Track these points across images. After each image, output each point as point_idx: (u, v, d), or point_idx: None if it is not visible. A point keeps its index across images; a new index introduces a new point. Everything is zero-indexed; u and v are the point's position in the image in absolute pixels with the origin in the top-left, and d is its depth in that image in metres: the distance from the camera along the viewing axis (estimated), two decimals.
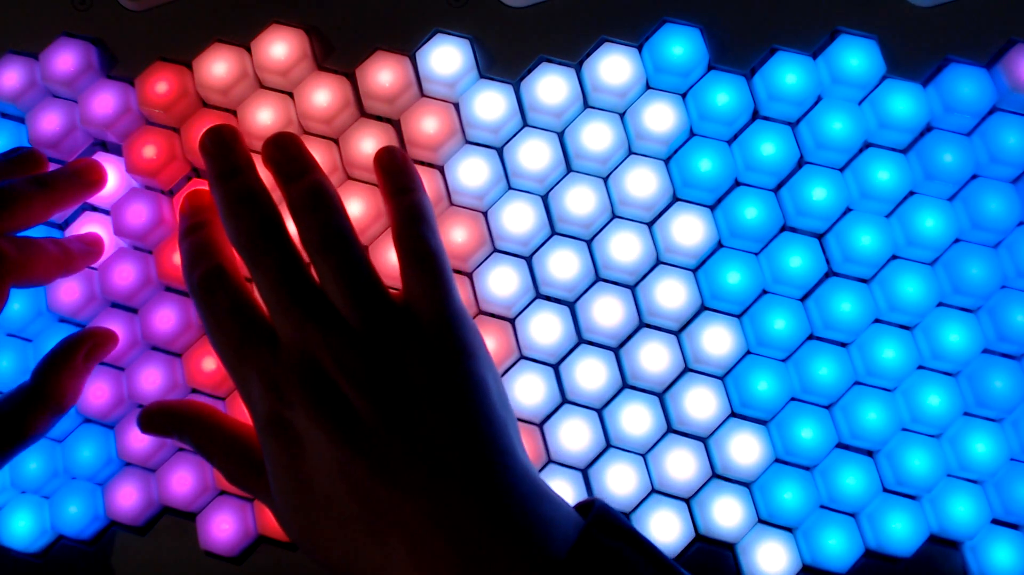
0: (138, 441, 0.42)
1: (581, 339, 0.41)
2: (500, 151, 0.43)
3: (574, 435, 0.40)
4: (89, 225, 0.44)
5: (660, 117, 0.42)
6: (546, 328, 0.41)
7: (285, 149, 0.38)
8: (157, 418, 0.38)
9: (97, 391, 0.43)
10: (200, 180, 0.43)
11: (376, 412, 0.32)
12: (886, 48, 0.42)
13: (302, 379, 0.33)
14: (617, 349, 0.41)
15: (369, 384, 0.32)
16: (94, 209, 0.44)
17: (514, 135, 0.42)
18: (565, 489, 0.40)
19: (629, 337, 0.41)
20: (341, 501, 0.32)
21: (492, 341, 0.41)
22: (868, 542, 0.39)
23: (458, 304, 0.35)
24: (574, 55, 0.43)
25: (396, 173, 0.38)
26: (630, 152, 0.42)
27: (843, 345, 0.40)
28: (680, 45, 0.42)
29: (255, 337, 0.34)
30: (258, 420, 0.34)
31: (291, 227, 0.37)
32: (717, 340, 0.40)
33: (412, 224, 0.36)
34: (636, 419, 0.40)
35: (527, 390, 0.41)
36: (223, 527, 0.41)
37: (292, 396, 0.33)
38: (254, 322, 0.35)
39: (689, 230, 0.41)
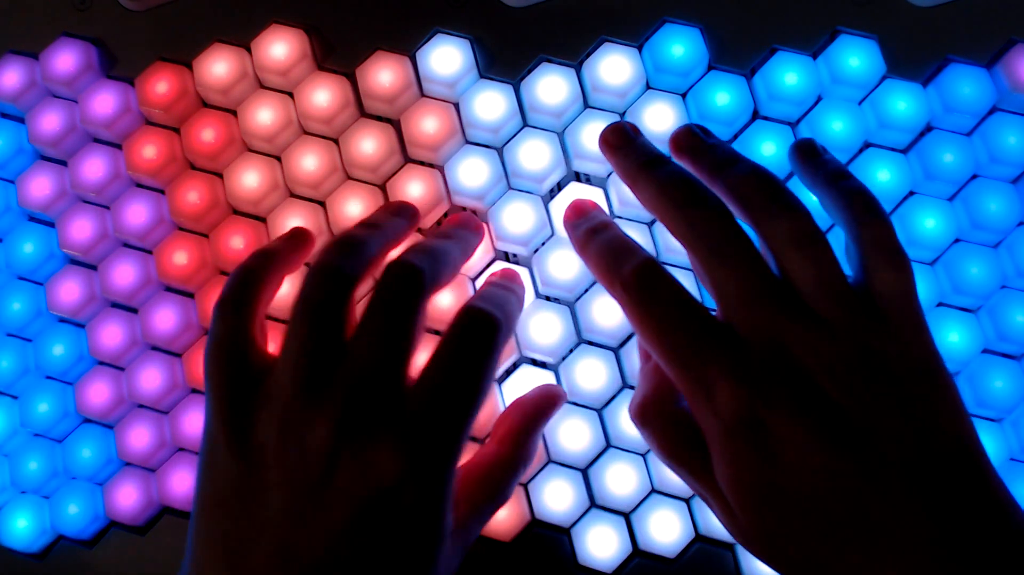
0: (138, 441, 0.42)
1: (581, 339, 0.41)
2: (500, 151, 0.43)
3: (574, 435, 0.40)
4: (88, 223, 0.44)
5: (660, 117, 0.42)
6: (546, 328, 0.41)
7: (718, 143, 0.36)
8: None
9: (97, 391, 0.43)
10: (196, 174, 0.43)
11: (862, 409, 0.30)
12: (886, 48, 0.42)
13: (781, 376, 0.30)
14: (617, 349, 0.41)
15: (853, 379, 0.30)
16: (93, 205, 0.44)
17: (514, 135, 0.42)
18: (565, 489, 0.40)
19: (629, 337, 0.41)
20: (823, 503, 0.29)
21: None
22: None
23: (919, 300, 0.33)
24: (574, 55, 0.43)
25: (823, 159, 0.35)
26: None
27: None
28: (680, 45, 0.42)
29: (715, 330, 0.31)
30: (722, 420, 0.30)
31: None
32: None
33: (874, 212, 0.33)
34: None
35: (527, 390, 0.40)
36: None
37: (771, 394, 0.30)
38: (707, 315, 0.31)
39: None
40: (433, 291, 0.34)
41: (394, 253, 0.35)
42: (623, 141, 0.37)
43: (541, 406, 0.38)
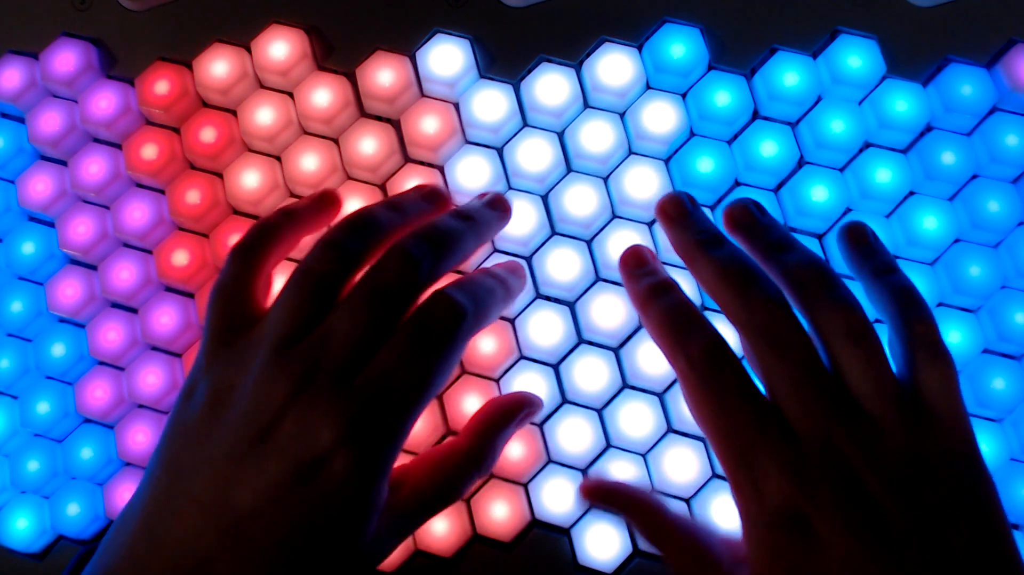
0: (138, 441, 0.42)
1: (581, 339, 0.41)
2: (500, 151, 0.43)
3: (574, 435, 0.40)
4: (88, 223, 0.44)
5: (660, 117, 0.42)
6: (546, 328, 0.41)
7: (772, 224, 0.36)
8: (603, 494, 0.37)
9: (97, 391, 0.43)
10: (196, 174, 0.43)
11: (909, 517, 0.29)
12: (886, 48, 0.42)
13: (832, 476, 0.30)
14: (617, 349, 0.41)
15: (903, 485, 0.30)
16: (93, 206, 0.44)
17: (514, 135, 0.42)
18: (565, 489, 0.40)
19: (629, 337, 0.41)
20: None
21: (492, 341, 0.41)
22: None
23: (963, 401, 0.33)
24: (574, 55, 0.43)
25: (873, 250, 0.36)
26: (630, 152, 0.42)
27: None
28: (680, 45, 0.42)
29: (772, 421, 0.31)
30: (766, 511, 0.30)
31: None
32: None
33: (921, 310, 0.33)
34: (636, 419, 0.40)
35: (527, 390, 0.40)
36: None
37: (819, 493, 0.30)
38: (764, 402, 0.32)
39: None
40: (430, 282, 0.35)
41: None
42: (681, 213, 0.37)
43: (511, 409, 0.38)
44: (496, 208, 0.39)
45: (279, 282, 0.36)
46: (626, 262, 0.38)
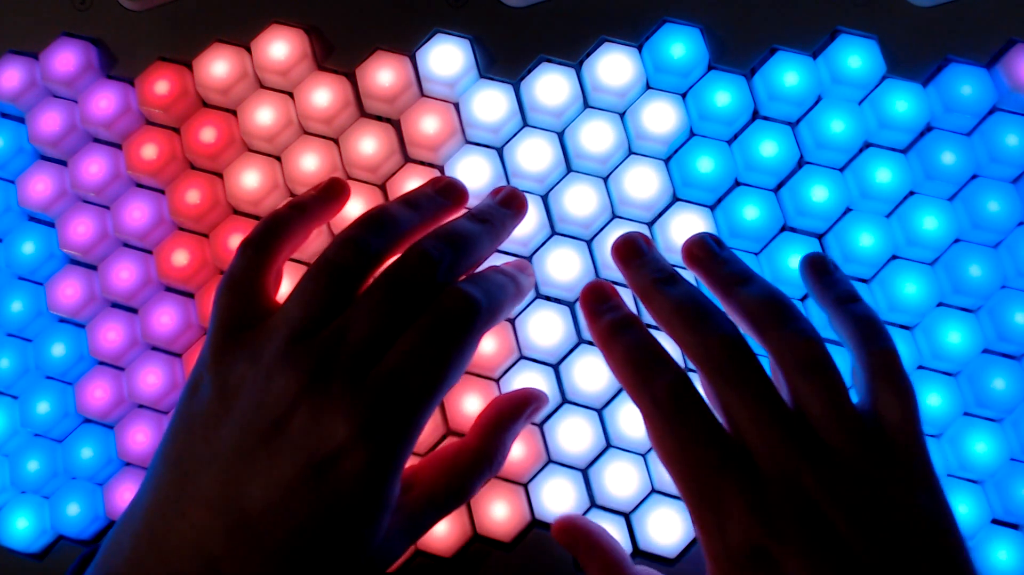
0: (138, 441, 0.42)
1: (581, 339, 0.41)
2: (500, 151, 0.43)
3: (574, 435, 0.40)
4: (88, 223, 0.44)
5: (660, 117, 0.42)
6: (546, 328, 0.41)
7: (713, 249, 0.36)
8: (567, 535, 0.38)
9: (97, 391, 0.43)
10: (196, 174, 0.43)
11: (873, 552, 0.29)
12: (886, 48, 0.42)
13: (796, 512, 0.30)
14: None
15: (866, 519, 0.30)
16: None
17: (514, 135, 0.42)
18: (565, 489, 0.40)
19: None
20: None
21: (492, 341, 0.41)
22: None
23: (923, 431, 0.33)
24: (574, 55, 0.43)
25: (834, 279, 0.36)
26: (630, 152, 0.42)
27: (842, 345, 0.40)
28: (680, 45, 0.42)
29: (736, 459, 0.31)
30: (730, 549, 0.30)
31: None
32: None
33: (882, 339, 0.33)
34: (636, 419, 0.40)
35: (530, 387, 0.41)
36: None
37: (784, 529, 0.30)
38: (730, 441, 0.31)
39: (689, 230, 0.41)
40: (448, 283, 0.34)
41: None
42: (634, 254, 0.37)
43: (517, 405, 0.38)
44: (511, 206, 0.39)
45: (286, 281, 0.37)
46: (586, 298, 0.37)
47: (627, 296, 0.38)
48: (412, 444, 0.32)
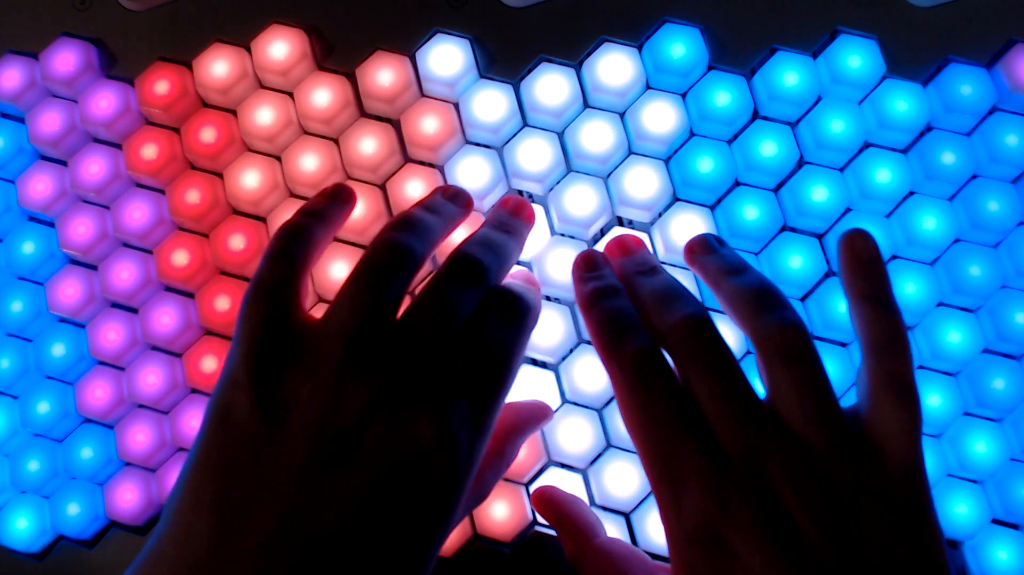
0: (138, 441, 0.42)
1: (581, 339, 0.41)
2: (500, 151, 0.43)
3: (574, 435, 0.40)
4: (88, 223, 0.44)
5: (660, 117, 0.42)
6: (546, 328, 0.41)
7: (713, 245, 0.36)
8: (542, 504, 0.38)
9: (97, 391, 0.43)
10: (196, 174, 0.43)
11: (830, 545, 0.28)
12: (886, 48, 0.42)
13: (753, 497, 0.29)
14: None
15: (827, 513, 0.29)
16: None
17: (514, 135, 0.42)
18: (565, 489, 0.40)
19: None
20: None
21: None
22: None
23: (922, 446, 0.31)
24: (574, 55, 0.43)
25: (868, 272, 0.33)
26: (630, 152, 0.42)
27: (842, 345, 0.40)
28: (680, 45, 0.42)
29: (698, 436, 0.30)
30: (685, 527, 0.30)
31: None
32: None
33: (898, 350, 0.32)
34: None
35: (527, 390, 0.40)
36: None
37: (739, 513, 0.29)
38: (696, 419, 0.31)
39: (689, 230, 0.41)
40: (487, 289, 0.35)
41: (458, 236, 0.37)
42: (623, 251, 0.37)
43: (532, 414, 0.38)
44: (521, 215, 0.39)
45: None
46: (577, 264, 0.37)
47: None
48: (490, 436, 0.32)
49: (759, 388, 0.32)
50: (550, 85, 0.42)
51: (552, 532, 0.40)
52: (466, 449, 0.31)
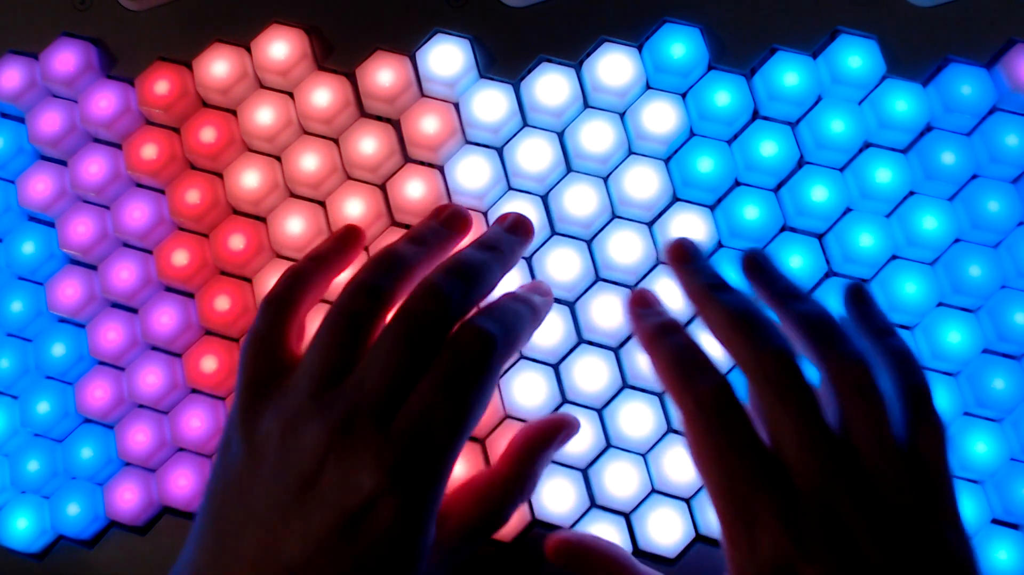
0: (138, 441, 0.42)
1: (581, 339, 0.41)
2: (500, 151, 0.43)
3: (574, 435, 0.40)
4: (88, 223, 0.44)
5: (660, 117, 0.42)
6: (546, 328, 0.41)
7: (770, 268, 0.36)
8: (569, 553, 0.37)
9: (97, 391, 0.43)
10: (196, 174, 0.43)
11: None
12: (886, 48, 0.42)
13: (829, 532, 0.30)
14: (617, 349, 0.41)
15: (896, 545, 0.30)
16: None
17: (514, 135, 0.42)
18: (565, 489, 0.40)
19: (629, 337, 0.41)
20: None
21: None
22: None
23: None
24: (574, 55, 0.43)
25: (872, 312, 0.36)
26: (630, 152, 0.42)
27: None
28: (680, 45, 0.42)
29: (773, 472, 0.31)
30: (759, 562, 0.30)
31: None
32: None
33: (918, 376, 0.33)
34: (636, 419, 0.40)
35: (527, 390, 0.40)
36: None
37: (815, 549, 0.29)
38: (767, 455, 0.31)
39: (689, 230, 0.41)
40: (461, 316, 0.34)
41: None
42: (689, 258, 0.37)
43: (548, 432, 0.38)
44: (517, 232, 0.39)
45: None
46: (632, 303, 0.38)
47: None
48: (443, 488, 0.32)
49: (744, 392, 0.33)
50: (550, 85, 0.42)
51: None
52: (415, 497, 0.31)
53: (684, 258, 0.37)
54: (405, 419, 0.32)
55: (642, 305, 0.37)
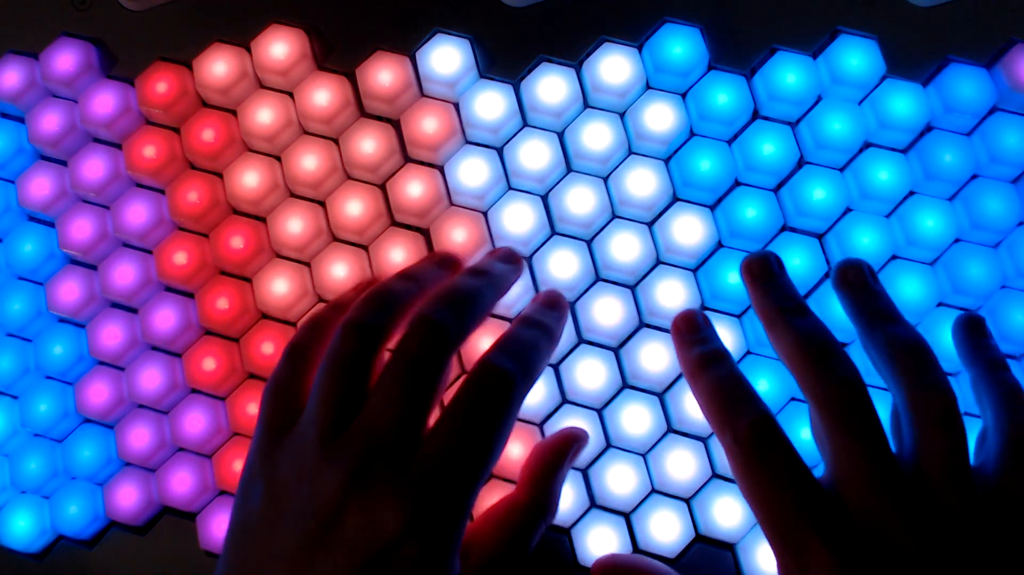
0: (138, 441, 0.42)
1: (581, 339, 0.41)
2: (500, 151, 0.43)
3: None
4: (88, 223, 0.44)
5: (660, 117, 0.42)
6: None
7: (882, 293, 0.36)
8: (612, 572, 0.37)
9: (97, 391, 0.43)
10: (196, 174, 0.43)
11: None
12: (886, 48, 0.42)
13: (880, 561, 0.30)
14: (617, 349, 0.41)
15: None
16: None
17: (514, 135, 0.42)
18: (565, 489, 0.40)
19: (629, 337, 0.41)
20: None
21: (493, 341, 0.41)
22: None
23: None
24: (574, 55, 0.43)
25: (988, 344, 0.36)
26: (630, 152, 0.42)
27: (843, 345, 0.40)
28: (680, 45, 0.42)
29: (820, 501, 0.31)
30: None
31: None
32: None
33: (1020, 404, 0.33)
34: (636, 419, 0.40)
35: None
36: (223, 527, 0.41)
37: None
38: (813, 483, 0.31)
39: (689, 230, 0.41)
40: (459, 344, 0.34)
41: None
42: (767, 275, 0.36)
43: (561, 448, 0.38)
44: (508, 261, 0.39)
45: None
46: (678, 327, 0.37)
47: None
48: (464, 525, 0.32)
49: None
50: (550, 85, 0.42)
51: (553, 534, 0.40)
52: (439, 535, 0.31)
53: (762, 276, 0.36)
54: (425, 459, 0.31)
55: (688, 331, 0.37)
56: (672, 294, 0.41)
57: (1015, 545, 0.30)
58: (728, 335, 0.40)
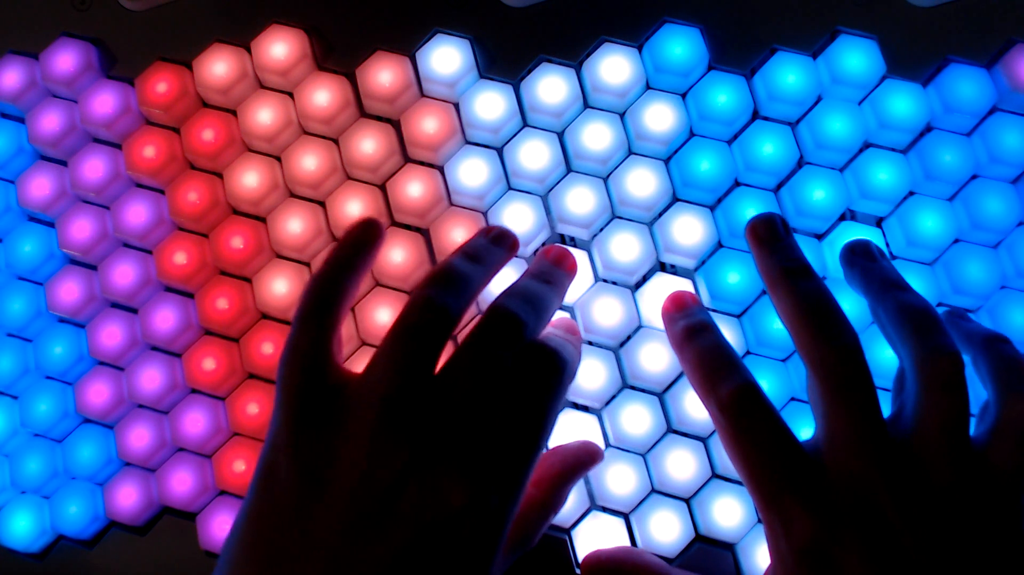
0: (138, 441, 0.42)
1: (581, 339, 0.41)
2: (500, 151, 0.43)
3: (574, 435, 0.40)
4: (88, 223, 0.44)
5: (660, 117, 0.42)
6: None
7: (877, 255, 0.36)
8: (603, 567, 0.37)
9: (97, 391, 0.43)
10: (196, 174, 0.43)
11: (938, 569, 0.29)
12: (886, 48, 0.42)
13: (860, 517, 0.30)
14: (617, 349, 0.41)
15: (934, 535, 0.30)
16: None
17: (514, 135, 0.42)
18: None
19: (629, 337, 0.41)
20: None
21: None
22: None
23: None
24: (574, 55, 0.43)
25: (983, 328, 0.36)
26: (630, 152, 0.42)
27: None
28: (680, 45, 0.42)
29: (802, 465, 0.31)
30: (793, 549, 0.31)
31: None
32: None
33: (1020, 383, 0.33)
34: (636, 419, 0.40)
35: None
36: (223, 527, 0.41)
37: (845, 533, 0.30)
38: (797, 448, 0.32)
39: (689, 230, 0.41)
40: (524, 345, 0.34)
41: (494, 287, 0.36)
42: (772, 237, 0.36)
43: (580, 458, 0.38)
44: (564, 266, 0.39)
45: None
46: (666, 307, 0.38)
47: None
48: (521, 500, 0.32)
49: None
50: (550, 85, 0.42)
51: (553, 533, 0.40)
52: (498, 511, 0.31)
53: (767, 237, 0.36)
54: (488, 435, 0.31)
55: (676, 308, 0.37)
56: (670, 292, 0.40)
57: (990, 507, 0.31)
58: (728, 335, 0.40)
